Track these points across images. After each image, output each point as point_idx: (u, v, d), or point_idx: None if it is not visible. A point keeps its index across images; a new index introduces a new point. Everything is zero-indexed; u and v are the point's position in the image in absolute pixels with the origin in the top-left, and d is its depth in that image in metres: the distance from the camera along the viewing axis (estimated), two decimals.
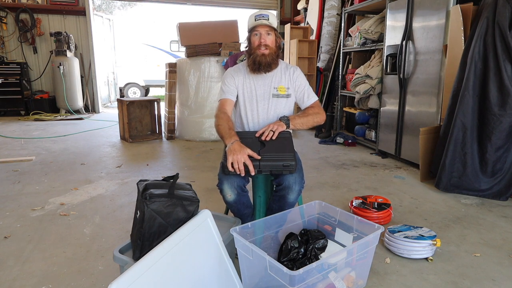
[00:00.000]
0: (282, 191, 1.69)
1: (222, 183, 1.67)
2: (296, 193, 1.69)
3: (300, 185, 1.69)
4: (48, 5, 7.33)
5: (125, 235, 2.09)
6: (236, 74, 1.93)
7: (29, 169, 3.45)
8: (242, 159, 1.53)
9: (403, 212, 2.49)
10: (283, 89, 1.89)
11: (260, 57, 1.80)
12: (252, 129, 1.92)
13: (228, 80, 1.91)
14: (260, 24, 1.79)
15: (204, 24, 5.23)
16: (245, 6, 8.59)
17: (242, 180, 1.68)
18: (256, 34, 1.82)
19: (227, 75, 1.94)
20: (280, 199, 1.71)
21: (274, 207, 1.76)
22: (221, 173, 1.68)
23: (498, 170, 2.69)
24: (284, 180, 1.68)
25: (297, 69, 1.96)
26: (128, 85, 11.57)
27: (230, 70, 1.97)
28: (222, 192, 1.68)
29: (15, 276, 1.68)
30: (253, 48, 1.83)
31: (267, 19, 1.79)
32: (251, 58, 1.83)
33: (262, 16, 1.80)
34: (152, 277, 1.12)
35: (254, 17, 1.82)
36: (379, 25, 4.25)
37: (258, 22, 1.80)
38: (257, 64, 1.81)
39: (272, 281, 1.32)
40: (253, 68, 1.83)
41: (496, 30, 2.57)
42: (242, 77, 1.91)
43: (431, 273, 1.73)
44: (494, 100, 2.61)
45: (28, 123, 6.33)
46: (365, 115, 4.61)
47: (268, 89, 1.88)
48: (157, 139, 5.04)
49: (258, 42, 1.81)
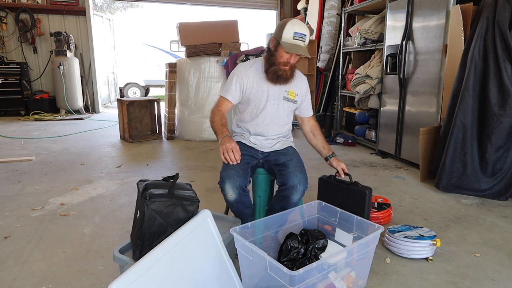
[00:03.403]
0: (286, 191, 1.69)
1: (224, 182, 1.67)
2: (300, 193, 1.70)
3: (304, 186, 1.71)
4: (48, 5, 7.33)
5: (125, 235, 2.09)
6: (248, 73, 1.84)
7: (29, 169, 3.45)
8: (231, 146, 1.61)
9: (403, 212, 2.49)
10: (293, 94, 1.89)
11: (283, 71, 1.76)
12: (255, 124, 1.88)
13: (236, 82, 1.83)
14: (299, 52, 1.70)
15: (204, 24, 5.23)
16: (245, 6, 8.59)
17: (244, 180, 1.69)
18: (288, 52, 1.71)
19: (237, 75, 1.85)
20: (283, 199, 1.71)
21: (276, 207, 1.76)
22: (224, 172, 1.68)
23: (498, 170, 2.69)
24: (288, 180, 1.68)
25: (304, 78, 1.98)
26: (128, 85, 11.57)
27: (242, 69, 1.86)
28: (224, 191, 1.68)
29: (15, 276, 1.68)
30: (278, 60, 1.75)
31: (304, 41, 1.71)
32: (273, 69, 1.76)
33: (301, 37, 1.69)
34: (152, 277, 1.12)
35: (294, 34, 1.68)
36: (379, 25, 4.25)
37: (297, 46, 1.69)
38: (276, 76, 1.77)
39: (272, 281, 1.32)
40: (272, 78, 1.78)
41: (496, 30, 2.57)
42: (257, 75, 1.84)
43: (431, 273, 1.73)
44: (494, 100, 2.61)
45: (28, 123, 6.33)
46: (365, 115, 4.61)
47: (281, 91, 1.86)
48: (157, 139, 5.04)
49: (286, 60, 1.74)
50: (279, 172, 1.76)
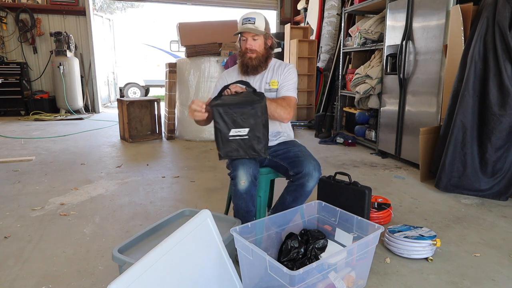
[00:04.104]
0: (302, 179, 1.69)
1: (237, 169, 1.66)
2: (315, 180, 1.70)
3: (319, 172, 1.72)
4: (48, 5, 7.33)
5: (125, 235, 2.09)
6: (229, 75, 1.99)
7: (29, 169, 3.45)
8: (194, 101, 1.67)
9: (403, 212, 2.49)
10: (275, 83, 1.90)
11: (247, 60, 1.85)
12: None
13: (220, 83, 1.96)
14: (246, 30, 1.80)
15: (204, 24, 5.23)
16: (245, 6, 8.59)
17: (256, 169, 1.71)
18: (244, 39, 1.85)
19: (221, 77, 2.02)
20: (298, 188, 1.72)
21: (288, 198, 1.76)
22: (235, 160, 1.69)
23: (498, 170, 2.69)
24: (303, 167, 1.69)
25: (291, 66, 1.95)
26: (128, 85, 11.57)
27: (225, 72, 2.04)
28: (236, 179, 1.66)
29: (15, 276, 1.68)
30: (241, 52, 1.88)
31: (253, 23, 1.80)
32: (240, 61, 1.89)
33: (249, 20, 1.81)
34: (152, 277, 1.11)
35: (242, 20, 1.83)
36: (379, 25, 4.25)
37: (244, 27, 1.81)
38: (245, 66, 1.87)
39: (272, 281, 1.32)
40: (243, 70, 1.90)
41: (496, 30, 2.57)
42: (235, 77, 1.95)
43: (431, 273, 1.73)
44: (494, 100, 2.61)
45: (28, 123, 6.33)
46: (365, 115, 4.61)
47: (262, 85, 1.91)
48: (157, 139, 5.04)
49: (244, 48, 1.85)
50: (292, 163, 1.76)
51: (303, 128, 6.09)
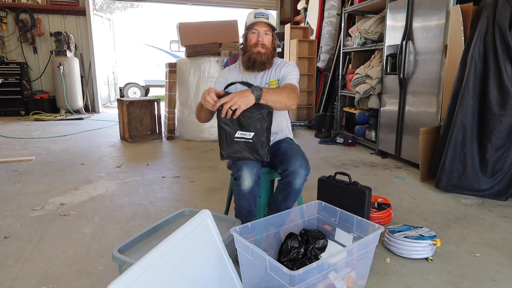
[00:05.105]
0: (289, 176, 1.67)
1: (241, 169, 1.65)
2: (302, 178, 1.67)
3: (306, 170, 1.68)
4: (48, 5, 7.33)
5: (125, 235, 2.09)
6: (229, 72, 1.95)
7: (29, 169, 3.45)
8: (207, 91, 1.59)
9: (403, 212, 2.49)
10: (274, 82, 1.88)
11: (256, 54, 1.79)
12: None
13: (220, 80, 1.93)
14: (259, 22, 1.78)
15: (204, 24, 5.23)
16: (245, 6, 8.58)
17: (260, 168, 1.71)
18: (254, 32, 1.81)
19: (221, 74, 1.97)
20: (286, 186, 1.70)
21: (279, 197, 1.75)
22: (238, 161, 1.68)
23: (498, 170, 2.69)
24: (290, 164, 1.67)
25: (292, 63, 1.93)
26: (128, 85, 11.57)
27: (225, 69, 1.99)
28: (240, 179, 1.65)
29: (15, 276, 1.68)
30: (249, 45, 1.82)
31: (267, 18, 1.79)
32: (246, 56, 1.82)
33: (262, 15, 1.79)
34: (152, 277, 1.11)
35: (254, 14, 1.80)
36: (379, 25, 4.25)
37: (257, 19, 1.78)
38: (251, 61, 1.80)
39: (272, 281, 1.32)
40: (247, 65, 1.83)
41: (496, 30, 2.57)
42: (236, 74, 1.92)
43: (431, 273, 1.73)
44: (494, 100, 2.61)
45: (28, 123, 6.33)
46: (365, 115, 4.61)
47: (261, 84, 1.88)
48: (157, 139, 5.04)
49: (256, 41, 1.80)
50: (280, 160, 1.74)
51: (303, 128, 6.09)
